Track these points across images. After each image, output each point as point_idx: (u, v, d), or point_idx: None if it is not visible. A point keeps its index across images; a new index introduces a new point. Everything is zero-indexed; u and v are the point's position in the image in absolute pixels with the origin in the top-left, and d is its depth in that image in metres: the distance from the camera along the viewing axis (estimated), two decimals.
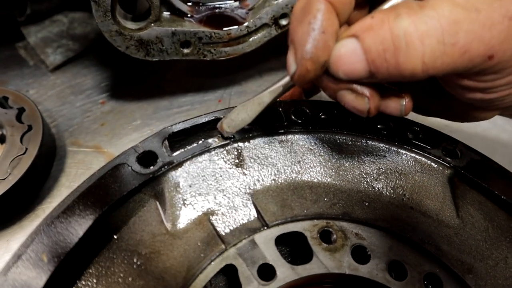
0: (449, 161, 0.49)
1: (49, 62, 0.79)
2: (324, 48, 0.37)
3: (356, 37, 0.36)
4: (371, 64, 0.36)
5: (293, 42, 0.38)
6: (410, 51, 0.34)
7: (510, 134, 0.77)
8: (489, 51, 0.34)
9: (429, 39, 0.34)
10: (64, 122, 0.72)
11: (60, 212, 0.39)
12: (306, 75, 0.38)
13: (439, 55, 0.34)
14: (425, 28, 0.34)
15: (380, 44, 0.35)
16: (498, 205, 0.47)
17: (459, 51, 0.34)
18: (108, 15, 0.57)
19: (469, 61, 0.35)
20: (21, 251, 0.36)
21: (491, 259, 0.44)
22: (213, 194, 0.45)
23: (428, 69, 0.35)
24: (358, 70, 0.37)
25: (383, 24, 0.35)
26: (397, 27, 0.34)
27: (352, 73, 0.37)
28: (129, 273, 0.39)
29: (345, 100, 0.41)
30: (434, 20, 0.33)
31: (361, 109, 0.41)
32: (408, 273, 0.42)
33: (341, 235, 0.44)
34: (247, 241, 0.43)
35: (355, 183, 0.48)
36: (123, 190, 0.41)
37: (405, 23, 0.34)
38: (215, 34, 0.65)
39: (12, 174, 0.57)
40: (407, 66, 0.35)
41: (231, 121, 0.45)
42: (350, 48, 0.36)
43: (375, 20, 0.35)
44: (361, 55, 0.36)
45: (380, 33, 0.35)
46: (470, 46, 0.34)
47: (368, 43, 0.35)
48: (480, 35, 0.34)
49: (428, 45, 0.34)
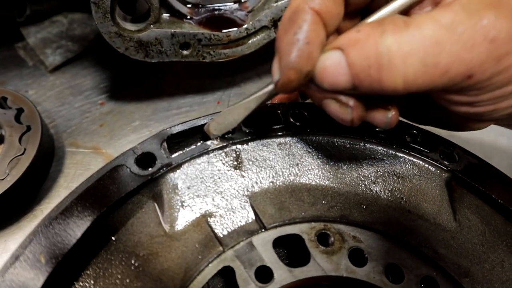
0: (447, 165, 0.49)
1: (48, 63, 0.79)
2: (308, 59, 0.37)
3: (342, 50, 0.37)
4: (355, 78, 0.37)
5: (279, 51, 0.39)
6: (392, 69, 0.35)
7: (508, 138, 0.78)
8: (469, 71, 0.35)
9: (411, 59, 0.35)
10: (63, 122, 0.72)
11: (58, 213, 0.39)
12: (289, 84, 0.39)
13: (420, 75, 0.35)
14: (408, 49, 0.34)
15: (364, 60, 0.36)
16: (495, 209, 0.47)
17: (439, 72, 0.35)
18: (107, 16, 0.58)
19: (449, 80, 0.36)
20: (19, 252, 0.36)
21: (487, 263, 0.44)
22: (211, 196, 0.45)
23: (410, 86, 0.36)
24: (342, 82, 0.38)
25: (369, 39, 0.35)
26: (382, 45, 0.35)
27: (336, 84, 0.38)
28: (126, 274, 0.39)
29: (329, 108, 0.42)
30: (417, 41, 0.34)
31: (344, 118, 0.42)
32: (405, 276, 0.42)
33: (339, 237, 0.44)
34: (244, 243, 0.43)
35: (353, 186, 0.48)
36: (121, 192, 0.41)
37: (389, 41, 0.35)
38: (215, 36, 0.66)
39: (11, 175, 0.57)
40: (389, 83, 0.36)
41: (218, 125, 0.46)
42: (335, 60, 0.37)
43: (361, 34, 0.36)
44: (345, 68, 0.37)
45: (365, 49, 0.36)
46: (450, 67, 0.35)
47: (353, 57, 0.36)
48: (461, 56, 0.35)
49: (410, 65, 0.35)
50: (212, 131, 0.46)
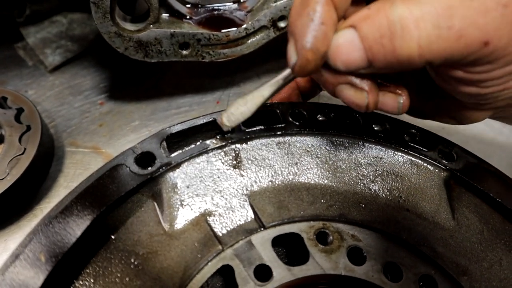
0: (445, 164, 0.49)
1: (48, 63, 0.79)
2: (323, 38, 0.37)
3: (354, 27, 0.37)
4: (369, 51, 0.36)
5: (293, 34, 0.38)
6: (405, 35, 0.35)
7: (507, 137, 0.78)
8: (484, 36, 0.34)
9: (424, 23, 0.34)
10: (63, 122, 0.73)
11: (58, 212, 0.39)
12: (306, 66, 0.38)
13: (434, 39, 0.35)
14: (420, 13, 0.34)
15: (376, 31, 0.36)
16: (493, 207, 0.47)
17: (454, 35, 0.34)
18: (107, 16, 0.58)
19: (465, 46, 0.35)
20: (19, 250, 0.36)
21: (485, 261, 0.44)
22: (210, 195, 0.46)
23: (424, 53, 0.35)
24: (356, 59, 0.37)
25: (379, 12, 0.35)
26: (393, 13, 0.35)
27: (350, 63, 0.38)
28: (126, 273, 0.39)
29: (344, 94, 0.41)
30: (429, 5, 0.34)
31: (360, 103, 0.41)
32: (403, 275, 0.43)
33: (338, 236, 0.44)
34: (244, 242, 0.43)
35: (351, 185, 0.49)
36: (121, 191, 0.42)
37: (400, 9, 0.35)
38: (214, 36, 0.66)
39: (11, 174, 0.57)
40: (403, 50, 0.35)
41: (231, 115, 0.44)
42: (348, 38, 0.37)
43: (371, 10, 0.36)
44: (358, 44, 0.37)
45: (376, 21, 0.36)
46: (465, 31, 0.34)
47: (365, 31, 0.36)
48: (475, 21, 0.34)
49: (424, 29, 0.34)
50: (225, 122, 0.44)
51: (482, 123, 0.78)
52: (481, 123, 0.78)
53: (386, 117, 0.52)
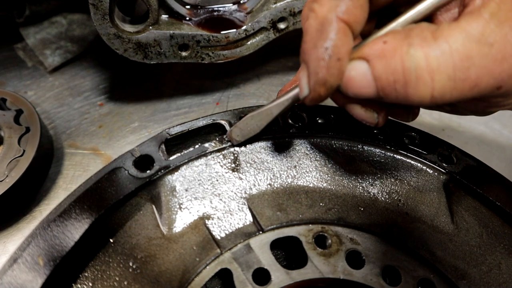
0: (445, 167, 0.49)
1: (47, 64, 0.79)
2: (338, 74, 0.37)
3: (368, 61, 0.36)
4: (381, 90, 0.36)
5: (307, 65, 0.37)
6: (419, 85, 0.34)
7: (507, 139, 0.78)
8: (498, 83, 0.35)
9: (439, 76, 0.34)
10: (62, 124, 0.72)
11: (57, 215, 0.39)
12: (318, 99, 0.38)
13: (448, 90, 0.34)
14: (437, 65, 0.33)
15: (391, 75, 0.35)
16: (493, 211, 0.47)
17: (469, 86, 0.34)
18: (106, 18, 0.57)
19: (478, 93, 0.35)
20: (17, 254, 0.36)
21: (485, 265, 0.44)
22: (209, 199, 0.46)
23: (437, 101, 0.35)
24: (367, 93, 0.37)
25: (395, 53, 0.34)
26: (409, 60, 0.34)
27: (361, 94, 0.37)
28: (124, 276, 0.39)
29: (354, 112, 0.42)
30: (446, 56, 0.33)
31: (370, 121, 0.42)
32: (402, 279, 0.43)
33: (336, 240, 0.45)
34: (242, 245, 0.43)
35: (350, 188, 0.48)
36: (119, 194, 0.42)
37: (417, 56, 0.34)
38: (213, 37, 0.66)
39: (10, 176, 0.57)
40: (415, 97, 0.35)
41: (241, 131, 0.47)
42: (361, 72, 0.36)
43: (388, 46, 0.35)
44: (371, 81, 0.36)
45: (392, 63, 0.35)
46: (480, 81, 0.34)
47: (379, 71, 0.35)
48: (491, 70, 0.34)
49: (439, 81, 0.34)
50: (234, 137, 0.47)
51: (482, 125, 0.79)
52: (481, 125, 0.79)
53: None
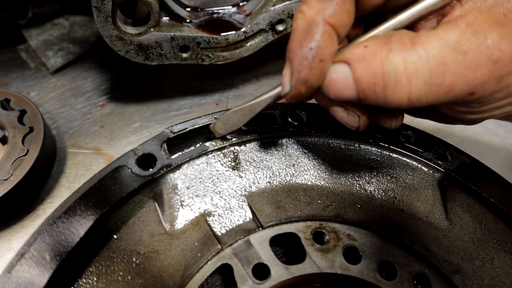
0: (440, 164, 0.50)
1: (50, 65, 0.80)
2: (319, 75, 0.38)
3: (349, 64, 0.37)
4: (361, 93, 0.37)
5: (291, 63, 0.39)
6: (398, 88, 0.36)
7: (502, 138, 0.79)
8: (471, 89, 0.36)
9: (416, 80, 0.36)
10: (65, 124, 0.73)
11: (62, 212, 0.40)
12: (298, 97, 0.40)
13: (424, 94, 0.36)
14: (414, 69, 0.35)
15: (371, 78, 0.36)
16: (486, 207, 0.48)
17: (444, 91, 0.36)
18: (109, 20, 0.59)
19: (452, 97, 0.37)
20: (24, 249, 0.37)
21: (478, 260, 0.45)
22: (210, 196, 0.47)
23: (414, 103, 0.37)
24: (348, 95, 0.38)
25: (376, 57, 0.36)
26: (388, 64, 0.36)
27: (342, 96, 0.39)
28: (128, 271, 0.40)
29: (337, 115, 0.43)
30: (423, 61, 0.35)
31: (352, 124, 0.43)
32: (398, 273, 0.44)
33: (334, 236, 0.46)
34: (242, 241, 0.44)
35: (347, 186, 0.50)
36: (123, 192, 0.43)
37: (396, 60, 0.35)
38: (213, 39, 0.67)
39: (14, 175, 0.58)
40: (394, 100, 0.37)
41: (223, 124, 0.48)
42: (342, 74, 0.38)
43: (368, 51, 0.36)
44: (352, 84, 0.37)
45: (372, 67, 0.36)
46: (454, 86, 0.36)
47: (359, 73, 0.37)
48: (465, 76, 0.35)
49: (415, 85, 0.36)
50: (217, 130, 0.48)
51: (477, 125, 0.79)
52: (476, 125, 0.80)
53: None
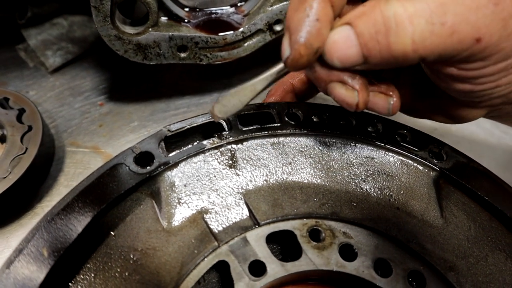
0: (435, 163, 0.51)
1: (48, 64, 0.81)
2: (317, 35, 0.38)
3: (350, 24, 0.38)
4: (364, 47, 0.38)
5: (289, 29, 0.39)
6: (400, 31, 0.36)
7: (498, 138, 0.80)
8: (476, 33, 0.36)
9: (418, 19, 0.35)
10: (63, 123, 0.74)
11: (60, 209, 0.40)
12: (299, 60, 0.39)
13: (428, 35, 0.36)
14: (414, 10, 0.35)
15: (372, 27, 0.37)
16: (481, 205, 0.49)
17: (447, 31, 0.36)
18: (107, 20, 0.59)
19: (458, 41, 0.36)
20: (22, 245, 0.38)
21: (472, 257, 0.46)
22: (207, 194, 0.47)
23: (418, 48, 0.36)
24: (352, 55, 0.38)
25: (374, 9, 0.37)
26: (387, 10, 0.36)
27: (346, 59, 0.39)
28: (125, 268, 0.41)
29: (335, 92, 0.43)
30: (422, 2, 0.35)
31: (350, 102, 0.42)
32: (393, 271, 0.44)
33: (330, 233, 0.46)
34: (239, 238, 0.44)
35: (343, 184, 0.50)
36: (120, 189, 0.43)
37: (395, 6, 0.36)
38: (211, 39, 0.67)
39: (13, 173, 0.58)
40: (398, 46, 0.36)
41: (223, 107, 0.44)
42: (344, 34, 0.38)
43: (367, 7, 0.38)
44: (354, 40, 0.38)
45: (372, 17, 0.37)
46: (458, 27, 0.35)
47: (360, 27, 0.37)
48: (467, 17, 0.35)
49: (417, 24, 0.35)
50: (216, 113, 0.45)
51: (474, 125, 0.81)
52: (473, 125, 0.81)
53: (378, 118, 0.53)
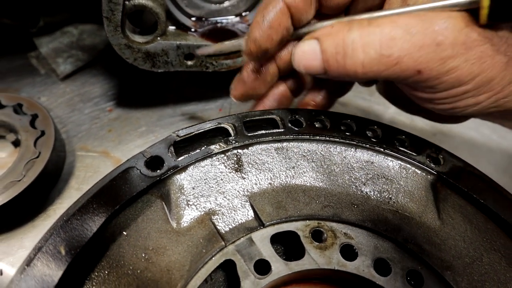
0: (433, 167, 0.53)
1: (59, 71, 0.83)
2: (267, 39, 0.49)
3: (318, 39, 0.46)
4: (326, 62, 0.46)
5: (250, 26, 0.50)
6: (354, 56, 0.43)
7: (496, 143, 0.82)
8: (417, 66, 0.42)
9: (369, 49, 0.43)
10: (74, 128, 0.76)
11: (76, 210, 0.42)
12: (250, 54, 0.51)
13: (375, 63, 0.43)
14: (367, 41, 0.42)
15: (334, 48, 0.44)
16: (477, 208, 0.50)
17: (391, 62, 0.42)
18: (118, 29, 0.62)
19: (401, 71, 0.43)
20: (41, 244, 0.40)
21: (468, 257, 0.48)
22: (214, 196, 0.49)
23: (367, 71, 0.44)
24: (315, 66, 0.47)
25: (339, 33, 0.44)
26: (348, 37, 0.43)
27: (310, 68, 0.47)
28: (137, 265, 0.43)
29: None
30: (376, 35, 0.42)
31: None
32: (392, 270, 0.46)
33: (331, 234, 0.48)
34: (245, 239, 0.46)
35: (344, 187, 0.52)
36: (132, 191, 0.45)
37: (354, 34, 0.43)
38: None
39: (27, 176, 0.61)
40: (351, 67, 0.44)
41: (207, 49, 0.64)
42: (311, 47, 0.46)
43: (334, 29, 0.45)
44: (318, 54, 0.46)
45: (335, 39, 0.44)
46: (401, 60, 0.42)
47: (325, 45, 0.45)
48: (411, 53, 0.42)
49: (367, 53, 0.43)
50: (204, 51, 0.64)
51: (472, 130, 0.83)
52: (471, 130, 0.83)
53: (378, 123, 0.55)
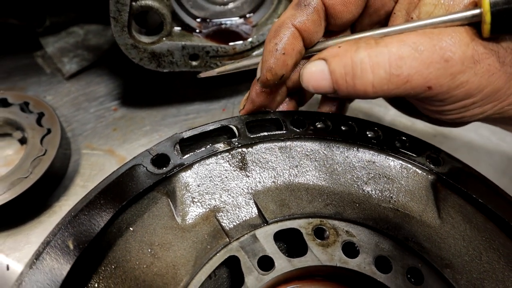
0: (433, 168, 0.54)
1: (65, 71, 0.84)
2: (282, 65, 0.47)
3: (325, 60, 0.45)
4: (335, 83, 0.45)
5: (263, 56, 0.48)
6: (363, 77, 0.43)
7: (495, 145, 0.83)
8: (427, 83, 0.43)
9: (378, 70, 0.42)
10: (79, 127, 0.77)
11: (84, 205, 0.43)
12: (266, 83, 0.50)
13: (385, 82, 0.43)
14: (376, 61, 0.42)
15: (342, 68, 0.44)
16: (476, 207, 0.51)
17: (401, 81, 0.43)
18: (125, 30, 0.63)
19: (411, 88, 0.43)
20: (49, 238, 0.41)
21: (467, 256, 0.48)
22: (219, 193, 0.50)
23: (377, 91, 0.44)
24: (324, 86, 0.46)
25: (347, 53, 0.44)
26: (356, 57, 0.43)
27: (319, 87, 0.47)
28: (144, 260, 0.44)
29: None
30: (384, 55, 0.42)
31: None
32: (392, 267, 0.47)
33: (333, 232, 0.49)
34: (249, 235, 0.47)
35: (346, 186, 0.53)
36: (138, 188, 0.46)
37: (362, 54, 0.43)
38: (221, 48, 0.71)
39: (33, 173, 0.62)
40: (360, 87, 0.44)
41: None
42: (319, 67, 0.46)
43: (341, 49, 0.44)
44: (327, 75, 0.45)
45: (344, 60, 0.44)
46: (411, 78, 0.42)
47: (333, 66, 0.45)
48: (420, 70, 0.42)
49: (377, 74, 0.43)
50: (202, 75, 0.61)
51: (472, 132, 0.84)
52: (471, 132, 0.84)
53: (379, 125, 0.56)
